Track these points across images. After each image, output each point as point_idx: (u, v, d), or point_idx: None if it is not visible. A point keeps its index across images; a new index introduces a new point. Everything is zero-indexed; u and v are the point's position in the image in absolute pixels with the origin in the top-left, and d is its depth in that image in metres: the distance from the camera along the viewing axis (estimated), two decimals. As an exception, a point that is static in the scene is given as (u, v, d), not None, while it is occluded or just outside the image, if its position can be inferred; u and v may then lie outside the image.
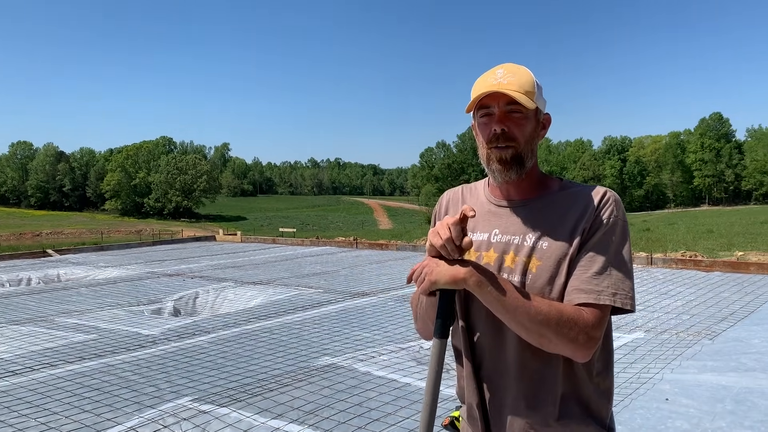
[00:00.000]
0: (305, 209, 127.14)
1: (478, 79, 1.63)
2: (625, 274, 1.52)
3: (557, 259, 1.54)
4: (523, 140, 1.58)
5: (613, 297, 1.49)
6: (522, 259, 1.58)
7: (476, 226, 1.69)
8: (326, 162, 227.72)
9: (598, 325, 1.48)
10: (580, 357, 1.49)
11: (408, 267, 14.47)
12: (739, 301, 9.18)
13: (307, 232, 49.74)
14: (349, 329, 8.06)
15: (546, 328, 1.45)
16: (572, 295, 1.51)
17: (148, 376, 6.16)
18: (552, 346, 1.48)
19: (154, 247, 22.12)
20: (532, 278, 1.55)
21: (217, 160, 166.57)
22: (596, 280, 1.50)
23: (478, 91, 1.58)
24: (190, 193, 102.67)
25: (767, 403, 5.03)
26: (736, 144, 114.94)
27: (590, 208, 1.55)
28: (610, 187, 1.61)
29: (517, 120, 1.57)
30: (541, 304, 1.47)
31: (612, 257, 1.52)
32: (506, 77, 1.56)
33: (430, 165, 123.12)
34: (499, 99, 1.55)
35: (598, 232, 1.53)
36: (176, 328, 8.34)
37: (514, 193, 1.66)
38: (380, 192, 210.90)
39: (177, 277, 13.38)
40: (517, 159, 1.58)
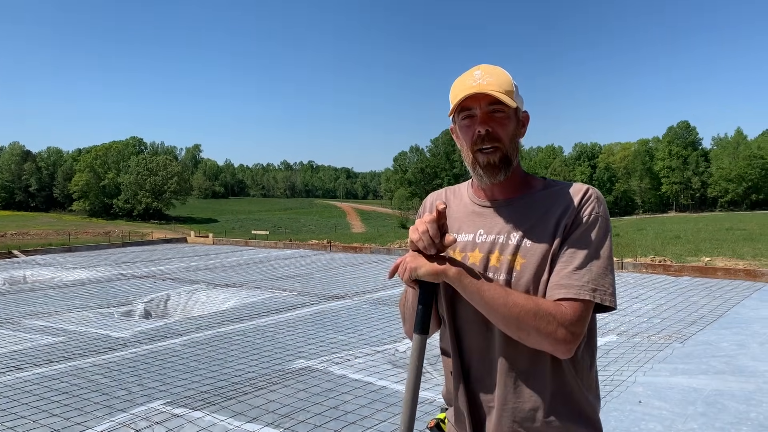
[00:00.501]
0: (277, 212, 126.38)
1: (455, 82, 1.63)
2: (605, 270, 1.53)
3: (541, 257, 1.55)
4: (508, 140, 1.58)
5: (593, 293, 1.49)
6: (507, 257, 1.58)
7: (461, 227, 1.70)
8: (299, 165, 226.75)
9: (578, 320, 1.48)
10: (561, 352, 1.49)
11: (383, 270, 14.46)
12: (707, 305, 9.35)
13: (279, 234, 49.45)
14: (323, 332, 8.01)
15: (524, 321, 1.46)
16: (553, 290, 1.51)
17: (119, 379, 6.04)
18: (532, 341, 1.48)
19: (124, 248, 21.77)
20: (517, 276, 1.56)
21: (189, 161, 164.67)
22: (576, 275, 1.50)
23: (458, 94, 1.58)
24: (160, 194, 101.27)
25: (737, 405, 5.12)
26: (703, 152, 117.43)
27: (572, 205, 1.56)
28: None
29: (500, 120, 1.57)
30: (519, 297, 1.48)
31: (593, 253, 1.53)
32: (485, 78, 1.56)
33: (403, 169, 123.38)
34: (480, 100, 1.55)
35: (579, 228, 1.54)
36: (147, 331, 8.21)
37: (499, 192, 1.66)
38: (353, 195, 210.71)
39: (148, 279, 13.17)
40: (505, 160, 1.59)
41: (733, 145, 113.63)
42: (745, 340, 7.26)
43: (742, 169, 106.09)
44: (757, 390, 5.48)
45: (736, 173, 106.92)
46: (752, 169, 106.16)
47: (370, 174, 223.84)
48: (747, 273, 12.11)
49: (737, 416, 4.88)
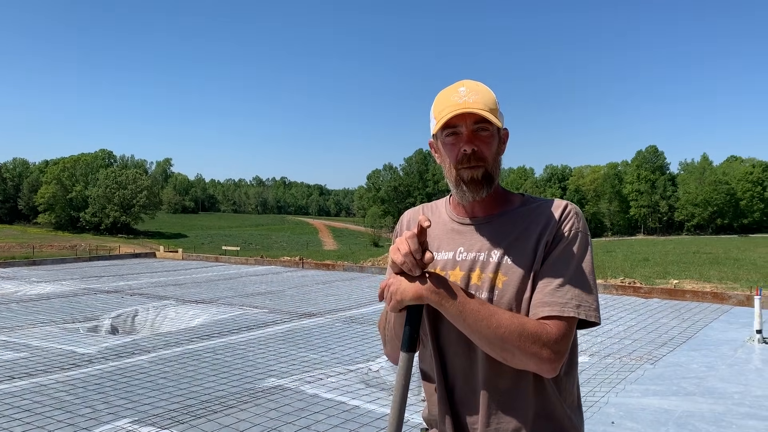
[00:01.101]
0: (248, 228, 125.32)
1: (439, 97, 1.60)
2: (588, 286, 1.51)
3: (522, 274, 1.53)
4: (491, 158, 1.57)
5: (577, 309, 1.48)
6: (488, 275, 1.56)
7: (441, 245, 1.67)
8: (271, 181, 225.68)
9: (563, 338, 1.46)
10: (546, 372, 1.47)
11: (356, 288, 14.39)
12: (677, 327, 9.47)
13: (249, 251, 48.96)
14: (295, 350, 7.90)
15: (508, 342, 1.43)
16: (536, 308, 1.49)
17: (83, 396, 5.86)
18: (516, 361, 1.46)
19: (91, 262, 21.32)
20: (499, 294, 1.54)
21: (159, 175, 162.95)
22: (559, 292, 1.48)
23: (443, 111, 1.55)
24: (129, 208, 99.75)
25: (707, 426, 5.16)
26: (670, 176, 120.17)
27: (552, 222, 1.55)
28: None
29: (485, 139, 1.55)
30: (503, 317, 1.45)
31: (574, 269, 1.51)
32: (470, 95, 1.54)
33: (376, 187, 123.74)
34: (466, 118, 1.53)
35: (560, 244, 1.53)
36: (114, 347, 8.01)
37: (478, 210, 1.64)
38: (326, 212, 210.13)
39: (115, 294, 12.90)
40: (488, 177, 1.57)
41: (699, 171, 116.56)
42: (714, 362, 7.34)
43: (708, 194, 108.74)
44: (726, 412, 5.54)
45: (702, 198, 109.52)
46: (717, 194, 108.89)
47: (343, 191, 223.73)
48: (714, 296, 12.31)
49: (708, 438, 4.92)
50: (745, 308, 11.40)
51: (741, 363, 7.35)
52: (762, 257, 31.52)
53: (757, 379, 6.66)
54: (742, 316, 10.55)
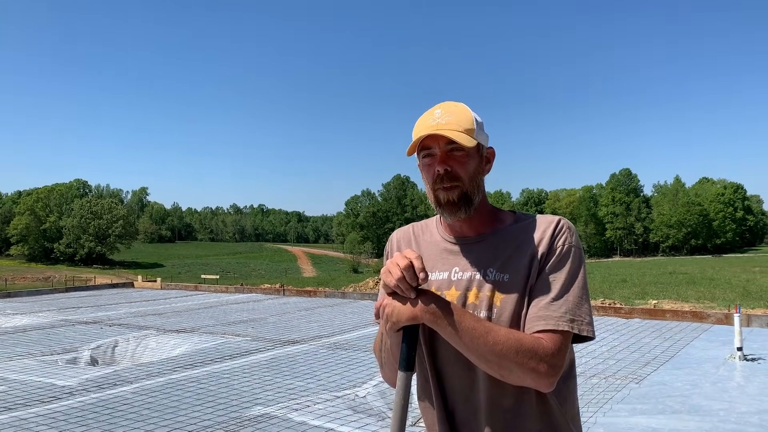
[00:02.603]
0: (226, 256, 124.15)
1: (418, 121, 1.63)
2: (581, 299, 1.53)
3: (520, 291, 1.54)
4: (468, 178, 1.58)
5: (571, 323, 1.49)
6: (486, 294, 1.56)
7: (435, 265, 1.67)
8: (249, 208, 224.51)
9: (558, 352, 1.47)
10: (543, 386, 1.47)
11: (339, 314, 14.31)
12: (659, 346, 9.56)
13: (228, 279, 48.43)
14: (280, 378, 7.82)
15: (505, 358, 1.43)
16: (531, 323, 1.50)
17: (65, 430, 5.73)
18: (514, 378, 1.46)
19: (68, 293, 20.94)
20: (498, 312, 1.54)
21: (135, 204, 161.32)
22: (553, 306, 1.49)
23: (417, 133, 1.59)
24: (104, 238, 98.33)
25: (695, 444, 5.20)
26: (644, 198, 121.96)
27: (545, 237, 1.57)
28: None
29: (459, 158, 1.57)
30: (499, 334, 1.45)
31: (568, 283, 1.53)
32: (444, 117, 1.57)
33: (355, 213, 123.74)
34: (439, 140, 1.56)
35: (554, 259, 1.54)
36: (95, 378, 7.85)
37: (468, 229, 1.65)
38: (304, 239, 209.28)
39: (94, 325, 12.67)
40: (464, 198, 1.58)
41: (672, 192, 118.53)
42: (697, 380, 7.42)
43: (682, 216, 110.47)
44: (713, 429, 5.59)
45: (676, 219, 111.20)
46: (691, 216, 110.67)
47: (321, 218, 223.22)
48: (694, 315, 12.46)
49: (697, 455, 4.95)
50: (724, 326, 11.56)
51: (724, 380, 7.43)
52: (736, 276, 31.98)
53: (740, 396, 6.74)
54: (721, 334, 10.69)
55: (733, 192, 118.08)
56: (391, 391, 7.25)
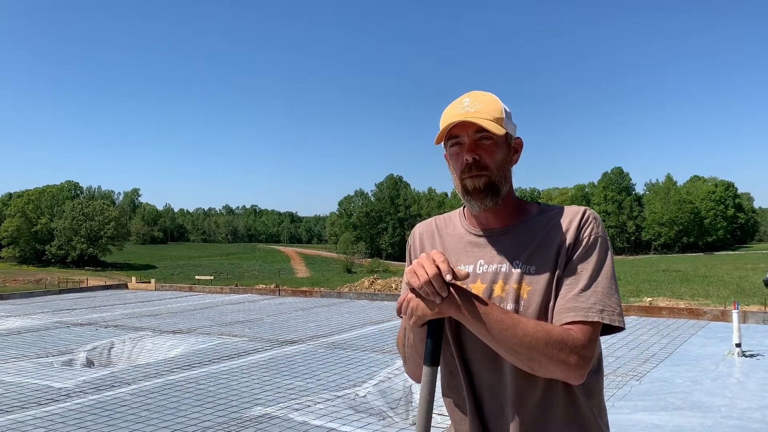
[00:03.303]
0: (218, 257, 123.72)
1: (445, 109, 1.61)
2: (610, 290, 1.50)
3: (547, 283, 1.51)
4: (495, 167, 1.56)
5: (600, 314, 1.46)
6: (512, 286, 1.54)
7: (459, 258, 1.65)
8: (242, 209, 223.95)
9: (589, 343, 1.44)
10: (573, 379, 1.44)
11: (336, 314, 14.27)
12: (657, 343, 9.57)
13: (221, 280, 48.29)
14: (280, 378, 7.77)
15: (534, 350, 1.41)
16: (560, 315, 1.47)
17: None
18: (543, 370, 1.43)
19: (62, 295, 20.80)
20: (525, 304, 1.52)
21: (127, 206, 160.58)
22: (582, 297, 1.47)
23: (446, 122, 1.56)
24: (96, 240, 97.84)
25: (699, 440, 5.19)
26: (636, 197, 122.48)
27: (572, 228, 1.54)
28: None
29: (488, 147, 1.55)
30: (528, 326, 1.42)
31: (596, 274, 1.50)
32: (473, 105, 1.55)
33: (348, 213, 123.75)
34: (468, 128, 1.53)
35: (581, 250, 1.52)
36: (92, 380, 7.78)
37: (494, 221, 1.62)
38: (297, 240, 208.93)
39: (89, 327, 12.58)
40: (491, 187, 1.55)
41: (664, 191, 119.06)
42: (697, 376, 7.42)
43: (673, 214, 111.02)
44: (716, 425, 5.58)
45: (667, 217, 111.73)
46: (682, 214, 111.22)
47: (314, 218, 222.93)
48: (690, 312, 12.49)
49: (701, 451, 4.95)
50: (721, 323, 11.60)
51: (724, 377, 7.44)
52: (729, 274, 32.13)
53: (741, 391, 6.75)
54: (718, 330, 10.72)
55: (724, 190, 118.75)
56: (391, 390, 7.22)
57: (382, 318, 13.33)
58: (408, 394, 7.20)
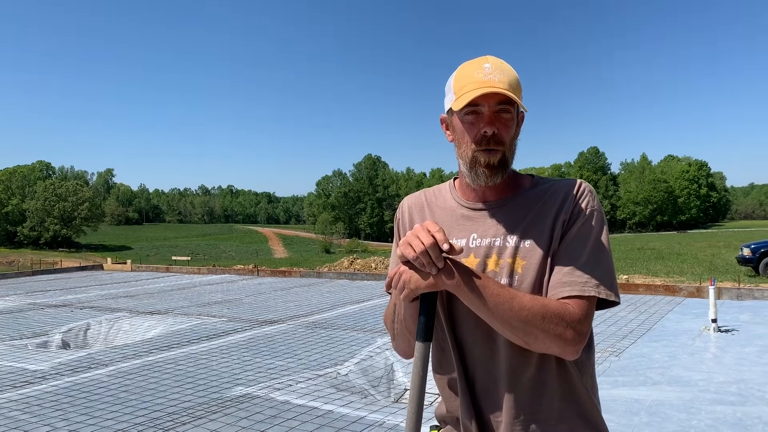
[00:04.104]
0: (195, 238, 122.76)
1: (461, 71, 1.52)
2: (606, 264, 1.47)
3: (542, 257, 1.47)
4: (509, 142, 1.50)
5: (597, 288, 1.43)
6: (506, 260, 1.50)
7: (451, 232, 1.59)
8: (218, 189, 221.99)
9: (585, 318, 1.41)
10: (569, 354, 1.41)
11: (315, 293, 14.22)
12: (635, 319, 9.68)
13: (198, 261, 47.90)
14: (260, 358, 7.72)
15: (530, 325, 1.37)
16: (556, 289, 1.44)
17: (40, 414, 5.56)
18: (539, 345, 1.40)
19: (35, 276, 20.46)
20: (520, 279, 1.47)
21: (101, 186, 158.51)
22: (578, 271, 1.43)
23: (465, 86, 1.47)
24: (69, 221, 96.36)
25: (678, 414, 5.26)
26: (612, 176, 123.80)
27: (567, 201, 1.50)
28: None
29: (506, 121, 1.48)
30: (524, 300, 1.39)
31: (593, 248, 1.47)
32: (495, 73, 1.47)
33: (326, 193, 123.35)
34: (489, 98, 1.46)
35: (577, 223, 1.48)
36: (68, 362, 7.65)
37: (489, 194, 1.57)
38: (275, 220, 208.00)
39: (64, 308, 12.38)
40: (504, 163, 1.50)
41: (639, 170, 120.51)
42: (675, 351, 7.52)
43: (648, 193, 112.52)
44: (694, 399, 5.66)
45: (642, 196, 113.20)
46: (657, 192, 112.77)
47: (292, 198, 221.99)
48: (666, 288, 12.66)
49: (680, 425, 5.01)
50: (696, 299, 11.79)
51: (700, 351, 7.55)
52: (702, 251, 32.67)
53: (717, 366, 6.85)
54: (694, 306, 10.89)
55: (698, 169, 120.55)
56: (373, 368, 7.21)
57: (363, 297, 13.31)
58: (389, 372, 7.19)
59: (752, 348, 7.64)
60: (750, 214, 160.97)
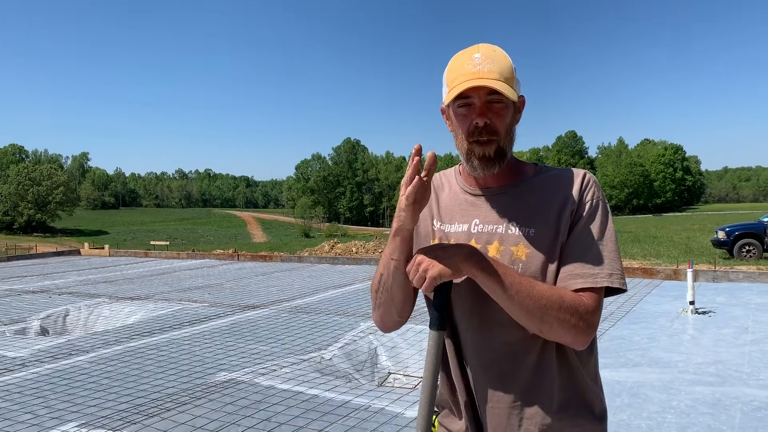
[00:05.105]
0: (172, 222, 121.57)
1: (452, 63, 1.52)
2: (614, 254, 1.49)
3: (548, 245, 1.48)
4: (504, 131, 1.50)
5: (609, 278, 1.45)
6: (509, 247, 1.50)
7: (453, 216, 1.60)
8: (195, 173, 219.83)
9: (597, 309, 1.44)
10: (580, 344, 1.44)
11: (297, 278, 14.20)
12: (614, 302, 9.80)
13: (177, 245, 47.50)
14: (243, 343, 7.70)
15: (547, 314, 1.39)
16: (568, 281, 1.45)
17: (21, 402, 5.50)
18: (553, 333, 1.42)
19: (10, 262, 20.15)
20: (523, 267, 1.48)
21: (76, 170, 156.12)
22: (590, 263, 1.45)
23: (455, 80, 1.47)
24: (44, 205, 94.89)
25: (658, 395, 5.36)
26: (589, 160, 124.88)
27: (574, 191, 1.52)
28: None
29: (498, 110, 1.48)
30: (543, 289, 1.41)
31: (601, 239, 1.49)
32: (485, 64, 1.46)
33: (305, 177, 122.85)
34: (479, 90, 1.46)
35: (585, 214, 1.50)
36: (48, 349, 7.57)
37: (492, 180, 1.58)
38: (253, 204, 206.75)
39: (42, 294, 12.22)
40: (499, 153, 1.50)
41: (615, 154, 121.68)
42: (654, 333, 7.65)
43: (625, 176, 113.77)
44: (674, 380, 5.77)
45: (619, 180, 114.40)
46: (633, 176, 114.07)
47: (271, 182, 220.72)
48: (644, 271, 12.84)
49: (661, 405, 5.10)
50: (673, 282, 11.98)
51: (678, 333, 7.69)
52: (678, 234, 33.15)
53: (695, 347, 6.98)
54: (672, 289, 11.07)
55: (673, 153, 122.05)
56: (357, 353, 7.23)
57: (345, 282, 13.32)
58: (373, 357, 7.22)
59: (729, 330, 7.80)
60: (723, 197, 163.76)
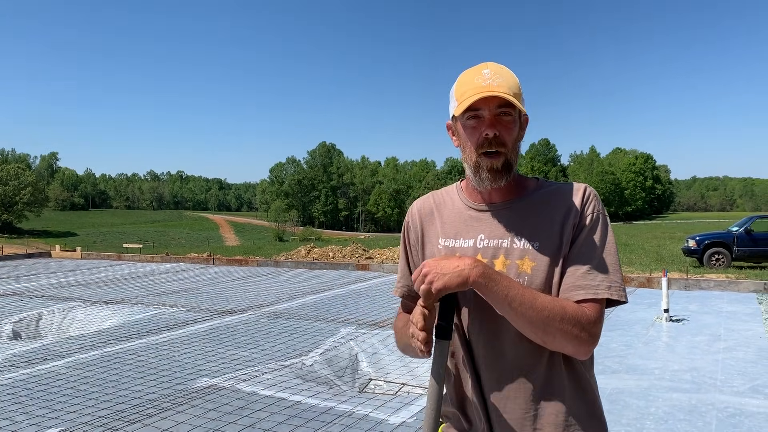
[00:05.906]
0: (143, 224, 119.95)
1: (461, 78, 1.57)
2: (615, 266, 1.54)
3: (552, 258, 1.53)
4: (511, 145, 1.55)
5: (609, 290, 1.50)
6: (515, 261, 1.54)
7: (458, 232, 1.64)
8: (167, 175, 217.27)
9: (598, 320, 1.48)
10: (582, 354, 1.49)
11: (275, 283, 14.12)
12: (590, 309, 9.94)
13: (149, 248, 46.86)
14: (223, 348, 7.64)
15: (551, 325, 1.43)
16: (570, 292, 1.50)
17: (-3, 409, 5.39)
18: (556, 344, 1.46)
19: (-23, 264, 19.70)
20: (528, 280, 1.52)
21: (44, 170, 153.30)
22: (591, 275, 1.50)
23: (465, 93, 1.52)
24: (11, 206, 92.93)
25: (637, 402, 5.45)
26: (561, 168, 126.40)
27: (576, 205, 1.56)
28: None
29: (507, 124, 1.54)
30: (545, 300, 1.45)
31: (602, 251, 1.54)
32: (495, 78, 1.52)
33: (279, 180, 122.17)
34: (489, 102, 1.51)
35: (586, 227, 1.54)
36: (23, 353, 7.43)
37: (495, 195, 1.62)
38: (226, 207, 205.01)
39: (12, 297, 11.97)
40: (507, 166, 1.55)
41: (587, 162, 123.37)
42: (630, 340, 7.78)
43: (596, 184, 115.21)
44: (651, 387, 5.88)
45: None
46: (604, 184, 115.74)
47: (244, 185, 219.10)
48: (618, 279, 13.02)
49: (639, 412, 5.20)
50: (647, 289, 12.20)
51: (654, 340, 7.83)
52: (648, 242, 33.65)
53: (670, 354, 7.12)
54: (645, 297, 11.27)
55: (644, 162, 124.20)
56: (338, 359, 7.22)
57: (323, 287, 13.29)
58: (354, 363, 7.23)
59: (702, 337, 7.97)
60: (692, 206, 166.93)
